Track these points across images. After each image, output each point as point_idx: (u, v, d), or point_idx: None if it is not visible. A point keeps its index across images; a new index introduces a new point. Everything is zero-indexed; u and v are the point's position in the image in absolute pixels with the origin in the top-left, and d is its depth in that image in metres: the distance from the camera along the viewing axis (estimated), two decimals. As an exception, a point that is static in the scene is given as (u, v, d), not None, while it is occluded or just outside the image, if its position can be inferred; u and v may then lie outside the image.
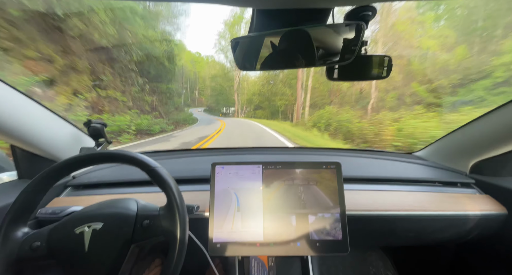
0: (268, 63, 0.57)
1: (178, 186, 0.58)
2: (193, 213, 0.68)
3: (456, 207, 0.84)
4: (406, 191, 0.91)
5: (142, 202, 0.62)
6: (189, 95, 67.14)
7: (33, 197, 0.55)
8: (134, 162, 0.56)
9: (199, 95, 62.56)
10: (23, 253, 0.51)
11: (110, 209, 0.57)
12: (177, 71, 37.38)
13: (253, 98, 33.76)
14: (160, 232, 0.53)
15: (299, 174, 0.75)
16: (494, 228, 0.85)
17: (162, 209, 0.56)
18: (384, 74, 0.63)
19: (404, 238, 0.90)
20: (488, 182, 0.90)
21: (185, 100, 65.12)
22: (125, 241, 0.52)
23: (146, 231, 0.54)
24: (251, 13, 0.50)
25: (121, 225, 0.53)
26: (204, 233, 0.71)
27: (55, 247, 0.52)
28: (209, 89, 47.40)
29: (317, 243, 0.70)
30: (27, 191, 0.54)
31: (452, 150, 1.04)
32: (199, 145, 6.92)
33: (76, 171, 0.67)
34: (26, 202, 0.54)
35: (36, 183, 0.55)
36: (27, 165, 0.88)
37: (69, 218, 0.57)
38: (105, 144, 0.97)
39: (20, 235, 0.53)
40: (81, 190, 0.94)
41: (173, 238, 0.51)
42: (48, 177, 0.56)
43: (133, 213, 0.56)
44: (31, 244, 0.52)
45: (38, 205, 0.56)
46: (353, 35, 0.49)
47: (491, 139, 0.84)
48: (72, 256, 0.51)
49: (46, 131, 0.82)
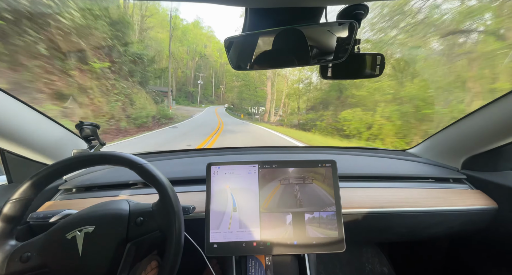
0: (262, 62, 0.57)
1: (174, 187, 0.57)
2: (189, 213, 0.67)
3: (448, 202, 0.85)
4: (400, 187, 0.93)
5: (133, 201, 0.61)
6: (213, 90, 61.53)
7: (20, 206, 0.51)
8: (122, 161, 0.55)
9: (225, 90, 57.42)
10: (13, 266, 0.49)
11: (100, 211, 0.56)
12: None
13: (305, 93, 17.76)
14: (156, 227, 0.53)
15: (295, 172, 0.76)
16: (485, 222, 0.87)
17: (155, 205, 0.56)
18: (377, 73, 0.64)
19: (399, 233, 0.91)
20: (479, 177, 0.93)
21: (207, 95, 59.82)
22: (120, 241, 0.51)
23: (141, 228, 0.53)
24: (244, 12, 0.50)
25: (114, 225, 0.52)
26: (201, 233, 0.70)
27: (47, 256, 0.50)
28: (234, 80, 35.55)
29: (314, 241, 0.70)
30: (12, 200, 0.50)
31: (444, 146, 1.06)
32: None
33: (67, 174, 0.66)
34: (12, 212, 0.50)
35: (23, 190, 0.52)
36: (17, 169, 0.86)
37: (58, 225, 0.55)
38: (98, 145, 0.96)
39: (8, 248, 0.50)
40: (74, 193, 0.92)
41: (170, 232, 0.50)
42: (37, 182, 0.53)
43: (125, 212, 0.55)
44: (21, 255, 0.50)
45: (25, 214, 0.53)
46: (346, 34, 0.50)
47: (481, 135, 0.86)
48: (66, 262, 0.50)
49: (36, 134, 0.81)
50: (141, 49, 13.23)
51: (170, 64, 28.78)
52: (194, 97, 48.94)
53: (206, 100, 58.21)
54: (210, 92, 62.16)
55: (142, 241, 0.54)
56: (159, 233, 0.53)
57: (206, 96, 61.05)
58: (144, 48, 16.96)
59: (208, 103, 56.98)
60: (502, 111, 0.77)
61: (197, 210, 0.71)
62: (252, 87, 27.94)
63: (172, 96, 35.65)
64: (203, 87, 57.71)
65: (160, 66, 27.98)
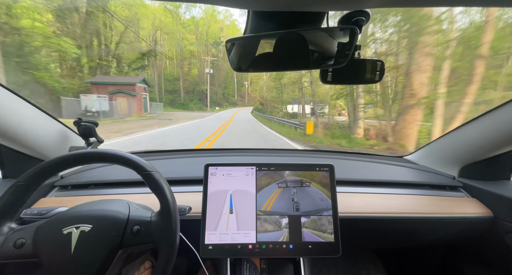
0: (263, 65, 0.58)
1: (171, 187, 0.57)
2: (185, 214, 0.67)
3: (444, 210, 0.85)
4: (397, 194, 0.93)
5: (134, 205, 0.60)
6: (235, 89, 50.33)
7: (23, 191, 0.53)
8: (129, 163, 0.55)
9: (250, 89, 45.71)
10: (6, 249, 0.49)
11: (100, 210, 0.55)
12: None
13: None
14: (150, 239, 0.52)
15: (292, 176, 0.76)
16: (481, 230, 0.87)
17: (154, 216, 0.55)
18: (376, 79, 0.64)
19: (394, 240, 0.91)
20: (475, 186, 0.93)
21: (227, 96, 47.93)
22: (113, 246, 0.51)
23: (136, 237, 0.52)
24: (247, 14, 0.51)
25: (110, 229, 0.52)
26: (196, 234, 0.70)
27: (40, 246, 0.50)
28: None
29: (310, 246, 0.70)
30: (19, 184, 0.52)
31: (441, 154, 1.07)
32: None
33: (65, 170, 0.65)
34: (16, 195, 0.52)
35: (29, 176, 0.53)
36: (12, 164, 0.85)
37: (58, 217, 0.55)
38: (96, 143, 0.95)
39: (6, 230, 0.52)
40: (69, 190, 0.91)
41: (163, 247, 0.50)
42: (42, 171, 0.54)
43: (124, 216, 0.54)
44: (15, 240, 0.50)
45: (25, 201, 0.54)
46: (347, 39, 0.50)
47: (478, 144, 0.87)
48: (56, 258, 0.49)
49: (33, 129, 0.80)
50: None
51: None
52: (213, 100, 39.56)
53: (226, 102, 47.82)
54: (232, 91, 51.70)
55: (134, 249, 0.54)
56: (152, 245, 0.52)
57: (226, 96, 50.53)
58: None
59: (228, 105, 46.10)
60: (499, 121, 0.78)
61: (193, 211, 0.70)
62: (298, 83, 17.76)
63: (157, 97, 30.98)
64: (222, 85, 47.32)
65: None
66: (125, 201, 0.60)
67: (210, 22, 48.56)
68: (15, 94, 0.73)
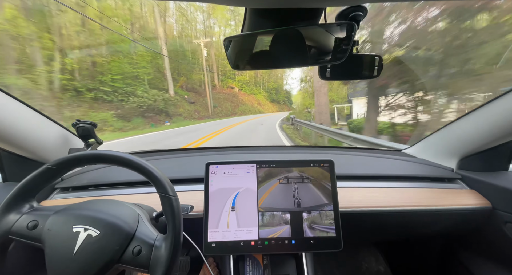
0: (261, 62, 0.57)
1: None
2: (188, 213, 0.67)
3: (444, 202, 0.87)
4: (396, 187, 0.94)
5: (144, 220, 0.58)
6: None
7: (53, 174, 0.55)
8: (157, 184, 0.53)
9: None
10: (19, 227, 0.50)
11: (112, 216, 0.54)
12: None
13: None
14: (147, 265, 0.50)
15: (293, 172, 0.76)
16: (480, 221, 0.89)
17: (159, 240, 0.53)
18: (375, 74, 0.64)
19: (395, 232, 0.92)
20: (473, 178, 0.94)
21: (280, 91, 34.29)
22: (111, 260, 0.50)
23: (135, 259, 0.50)
24: (244, 12, 0.50)
25: (114, 242, 0.51)
26: (199, 232, 0.70)
27: (48, 234, 0.50)
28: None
29: (311, 240, 0.71)
30: (51, 166, 0.54)
31: (439, 147, 1.07)
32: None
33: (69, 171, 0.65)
34: (45, 176, 0.54)
35: (61, 162, 0.54)
36: (12, 168, 0.85)
37: (75, 210, 0.54)
38: (95, 144, 0.95)
39: (26, 208, 0.54)
40: (70, 192, 0.92)
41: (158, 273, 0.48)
42: (74, 161, 0.55)
43: (131, 231, 0.53)
44: (30, 221, 0.51)
45: (49, 185, 0.56)
46: (345, 35, 0.50)
47: (476, 136, 0.88)
48: (58, 253, 0.49)
49: (32, 132, 0.80)
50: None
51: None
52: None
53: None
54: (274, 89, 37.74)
55: (129, 268, 0.52)
56: (147, 272, 0.51)
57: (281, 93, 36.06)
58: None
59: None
60: (496, 113, 0.78)
61: (196, 209, 0.71)
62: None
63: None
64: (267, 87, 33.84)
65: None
66: (136, 211, 0.58)
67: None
68: (13, 98, 0.72)
